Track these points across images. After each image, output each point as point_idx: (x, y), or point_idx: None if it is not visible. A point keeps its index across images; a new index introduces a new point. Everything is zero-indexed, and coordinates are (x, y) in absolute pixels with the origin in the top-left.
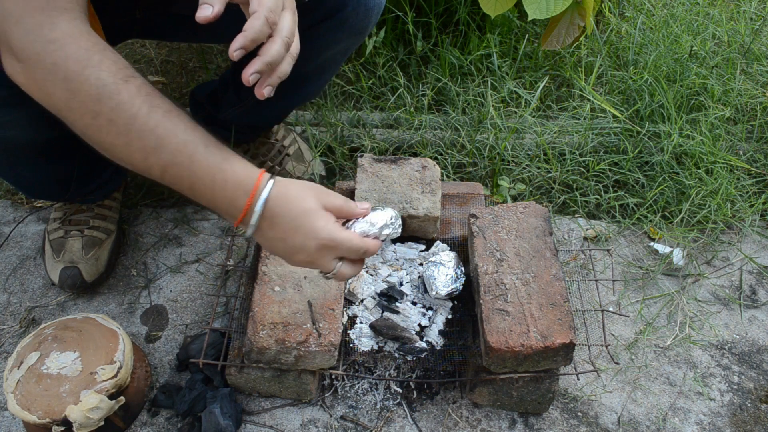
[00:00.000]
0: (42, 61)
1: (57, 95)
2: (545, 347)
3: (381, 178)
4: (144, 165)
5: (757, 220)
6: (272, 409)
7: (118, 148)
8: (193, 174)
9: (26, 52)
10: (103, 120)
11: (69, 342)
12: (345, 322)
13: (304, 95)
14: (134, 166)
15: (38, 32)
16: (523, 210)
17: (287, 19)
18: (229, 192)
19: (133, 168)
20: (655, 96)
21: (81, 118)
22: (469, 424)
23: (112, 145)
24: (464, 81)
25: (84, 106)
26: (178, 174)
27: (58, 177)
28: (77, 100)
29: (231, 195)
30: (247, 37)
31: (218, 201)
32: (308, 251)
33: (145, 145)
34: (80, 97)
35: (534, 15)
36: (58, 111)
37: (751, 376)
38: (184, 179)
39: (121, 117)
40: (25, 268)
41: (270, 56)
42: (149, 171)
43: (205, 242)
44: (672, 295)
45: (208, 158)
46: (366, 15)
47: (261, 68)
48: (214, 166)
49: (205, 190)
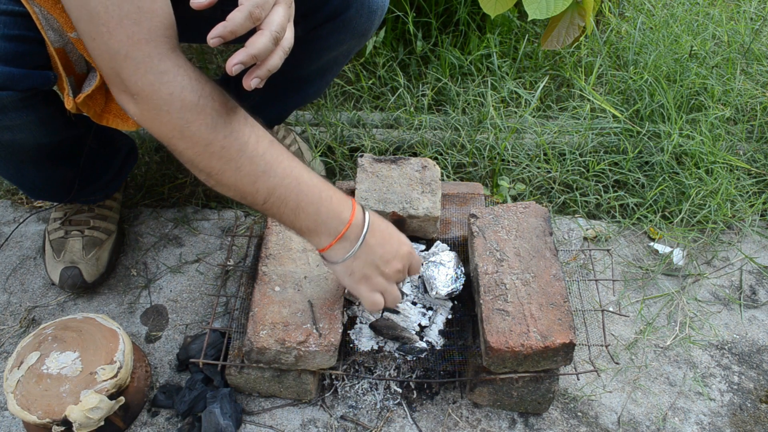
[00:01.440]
0: (157, 92)
1: (172, 124)
2: (545, 347)
3: (381, 178)
4: (251, 189)
5: (757, 220)
6: (272, 409)
7: (227, 174)
8: (300, 192)
9: (139, 85)
10: (216, 147)
11: (69, 342)
12: (345, 322)
13: (305, 96)
14: (239, 189)
15: (149, 64)
16: (523, 210)
17: (278, 13)
18: (335, 205)
19: (236, 191)
20: (655, 96)
21: (193, 147)
22: (469, 424)
23: (221, 171)
24: (464, 81)
25: (198, 134)
26: (284, 195)
27: (62, 179)
28: (192, 129)
29: (337, 208)
30: (225, 28)
31: (323, 216)
32: (401, 256)
33: (255, 169)
34: (195, 126)
35: (534, 15)
36: (168, 139)
37: (751, 376)
38: (290, 199)
39: (234, 145)
40: (25, 268)
41: (256, 49)
42: (254, 195)
43: (205, 242)
44: (672, 295)
45: (312, 179)
46: (369, 17)
47: (245, 59)
48: (319, 185)
49: (310, 208)
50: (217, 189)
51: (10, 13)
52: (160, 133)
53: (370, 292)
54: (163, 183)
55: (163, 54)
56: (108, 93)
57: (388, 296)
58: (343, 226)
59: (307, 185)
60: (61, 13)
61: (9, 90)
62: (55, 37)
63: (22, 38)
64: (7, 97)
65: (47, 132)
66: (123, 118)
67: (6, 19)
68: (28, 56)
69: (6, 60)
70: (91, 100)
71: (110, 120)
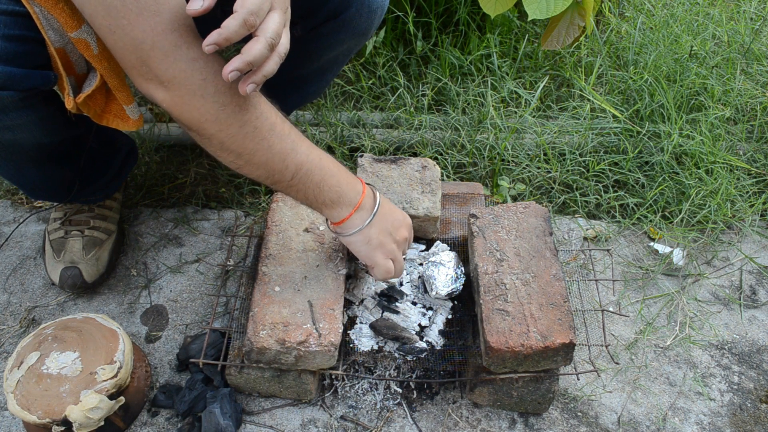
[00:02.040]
0: (190, 78)
1: (205, 108)
2: (545, 347)
3: (381, 178)
4: (281, 166)
5: (757, 220)
6: (272, 409)
7: (260, 153)
8: (323, 167)
9: (171, 72)
10: (250, 128)
11: (69, 342)
12: (345, 322)
13: (305, 96)
14: (269, 167)
15: (178, 52)
16: (523, 210)
17: (273, 20)
18: (351, 178)
19: (266, 169)
20: (655, 96)
21: (227, 129)
22: (469, 424)
23: (254, 151)
24: (464, 81)
25: (233, 116)
26: (310, 170)
27: (62, 179)
28: (227, 111)
29: (352, 180)
30: (220, 35)
31: (343, 187)
32: (407, 224)
33: (284, 147)
34: (230, 109)
35: (534, 15)
36: (200, 123)
37: (751, 376)
38: (315, 174)
39: (265, 125)
40: (25, 268)
41: (251, 56)
42: (284, 172)
43: (205, 242)
44: (672, 295)
45: (327, 155)
46: (369, 16)
47: (240, 66)
48: (334, 160)
49: (332, 180)
50: (243, 170)
51: (10, 13)
52: (191, 118)
53: (385, 260)
54: (163, 183)
55: (190, 41)
56: (108, 93)
57: (397, 265)
58: (359, 196)
59: (327, 160)
60: (61, 13)
61: (9, 90)
62: (56, 37)
63: (22, 38)
64: (8, 97)
65: (47, 132)
66: (123, 118)
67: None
68: (29, 56)
69: (6, 60)
70: (92, 100)
71: (110, 120)
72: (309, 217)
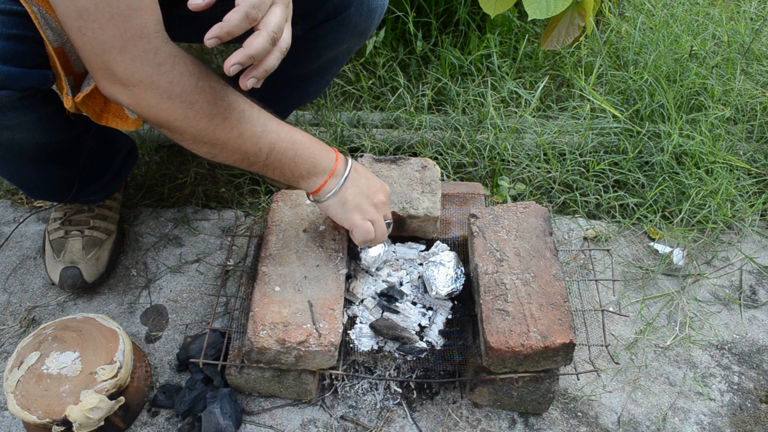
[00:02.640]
0: (156, 83)
1: (173, 109)
2: (545, 347)
3: (381, 178)
4: (255, 149)
5: (757, 220)
6: (272, 409)
7: (232, 141)
8: (296, 142)
9: (137, 77)
10: (219, 119)
11: (69, 342)
12: (345, 322)
13: (305, 95)
14: (242, 152)
15: (145, 58)
16: (523, 210)
17: (275, 14)
18: (323, 148)
19: (240, 154)
20: (655, 96)
21: (197, 124)
22: (469, 424)
23: (226, 140)
24: (464, 81)
25: (201, 112)
26: (284, 147)
27: (62, 179)
28: (195, 109)
29: (325, 149)
30: (222, 28)
31: (317, 157)
32: (385, 191)
33: (256, 131)
34: (198, 106)
35: (534, 15)
36: (170, 122)
37: (751, 376)
38: (289, 150)
39: (234, 113)
40: (25, 268)
41: (253, 49)
42: (258, 154)
43: (205, 242)
44: (672, 295)
45: (298, 130)
46: (369, 16)
47: (242, 60)
48: (305, 134)
49: (306, 153)
50: (218, 158)
51: (8, 12)
52: (160, 118)
53: (363, 221)
54: (163, 183)
55: (157, 47)
56: None
57: (377, 227)
58: (332, 162)
59: (299, 134)
60: None
61: (8, 89)
62: (54, 37)
63: (20, 37)
64: (6, 96)
65: (46, 131)
66: (122, 117)
67: (4, 19)
68: (27, 55)
69: (4, 59)
70: (91, 99)
71: (110, 120)
72: (309, 217)
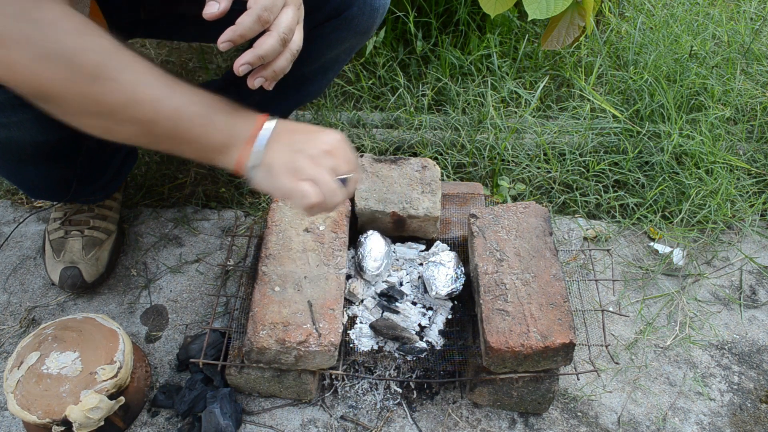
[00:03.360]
0: (33, 40)
1: (51, 70)
2: (545, 347)
3: (381, 178)
4: (154, 116)
5: (757, 220)
6: (272, 409)
7: (125, 107)
8: (208, 106)
9: (14, 35)
10: (107, 81)
11: (69, 342)
12: (345, 322)
13: (306, 95)
14: (141, 122)
15: (25, 15)
16: (523, 210)
17: (287, 15)
18: (243, 113)
19: (139, 129)
20: (655, 96)
21: (79, 88)
22: (469, 424)
23: (116, 105)
24: (464, 81)
25: (82, 71)
26: (192, 113)
27: (61, 178)
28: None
29: (245, 114)
30: (235, 32)
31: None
32: (327, 140)
33: (153, 94)
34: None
35: (534, 15)
36: (50, 88)
37: (751, 376)
38: (198, 117)
39: (125, 73)
40: (25, 268)
41: (263, 50)
42: (159, 124)
43: (205, 242)
44: (672, 295)
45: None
46: (371, 15)
47: (252, 60)
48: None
49: (220, 120)
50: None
51: None
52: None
53: (296, 182)
54: (163, 183)
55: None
56: None
57: (322, 186)
58: (251, 127)
59: (212, 99)
60: None
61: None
62: None
63: None
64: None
65: (44, 130)
66: None
67: None
68: None
69: None
70: None
71: None
72: (309, 217)
